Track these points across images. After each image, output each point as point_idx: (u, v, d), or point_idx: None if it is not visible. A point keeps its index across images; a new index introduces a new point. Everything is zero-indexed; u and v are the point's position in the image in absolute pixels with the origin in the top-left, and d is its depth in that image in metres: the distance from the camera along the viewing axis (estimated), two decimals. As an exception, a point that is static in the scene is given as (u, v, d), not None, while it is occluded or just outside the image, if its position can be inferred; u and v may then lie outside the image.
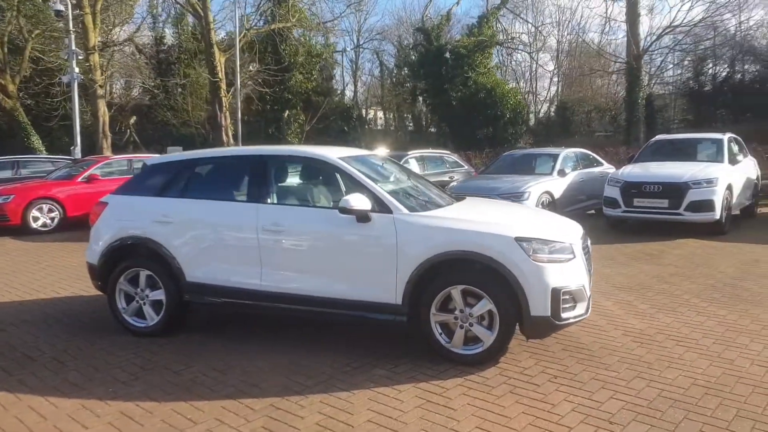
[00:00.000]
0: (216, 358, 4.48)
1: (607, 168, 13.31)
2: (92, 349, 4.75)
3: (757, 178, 11.97)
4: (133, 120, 31.15)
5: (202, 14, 23.31)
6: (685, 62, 22.63)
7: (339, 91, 36.61)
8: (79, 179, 12.96)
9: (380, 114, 41.28)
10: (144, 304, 5.04)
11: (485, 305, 4.10)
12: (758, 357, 4.22)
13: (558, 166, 11.35)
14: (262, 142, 25.01)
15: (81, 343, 4.91)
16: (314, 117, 30.65)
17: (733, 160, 10.60)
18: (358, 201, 4.29)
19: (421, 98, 31.45)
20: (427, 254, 4.18)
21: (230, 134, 25.10)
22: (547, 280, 4.02)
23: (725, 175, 9.81)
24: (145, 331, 5.02)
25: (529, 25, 30.00)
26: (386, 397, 3.71)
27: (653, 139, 12.08)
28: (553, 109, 26.17)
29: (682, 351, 4.37)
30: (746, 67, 21.63)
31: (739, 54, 21.38)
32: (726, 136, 11.07)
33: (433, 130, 30.82)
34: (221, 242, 4.81)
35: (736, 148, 11.20)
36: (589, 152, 13.24)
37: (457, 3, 41.96)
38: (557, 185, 10.89)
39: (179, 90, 30.03)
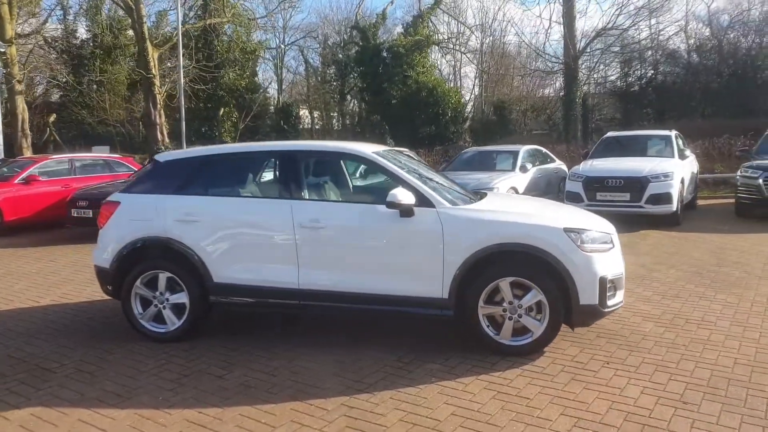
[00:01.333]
0: (252, 360, 4.30)
1: (559, 164, 13.90)
2: (114, 358, 4.44)
3: (697, 172, 12.88)
4: (53, 118, 29.12)
5: (134, 6, 22.20)
6: (614, 63, 24.04)
7: (263, 89, 35.96)
8: (17, 180, 11.99)
9: (304, 112, 40.77)
10: (164, 308, 4.76)
11: (535, 296, 4.17)
12: (777, 335, 4.56)
13: (519, 163, 11.72)
14: (199, 142, 24.11)
15: (96, 352, 4.58)
16: (248, 115, 29.97)
17: (682, 156, 11.35)
18: (405, 195, 4.25)
19: (356, 97, 31.57)
20: (476, 247, 4.21)
21: (165, 133, 24.09)
22: (595, 269, 4.16)
23: (679, 170, 10.49)
24: (165, 337, 4.74)
25: (459, 25, 30.69)
26: (455, 391, 3.71)
27: (604, 136, 12.70)
28: (485, 108, 26.97)
29: (707, 333, 4.64)
30: (668, 69, 23.23)
31: (661, 57, 22.98)
32: (673, 133, 11.84)
33: (358, 129, 30.80)
34: (253, 241, 4.63)
35: (681, 144, 12.00)
36: (543, 149, 13.76)
37: (392, 2, 42.24)
38: (520, 181, 11.25)
39: (95, 87, 28.36)
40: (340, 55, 34.03)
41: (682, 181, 10.54)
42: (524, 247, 4.19)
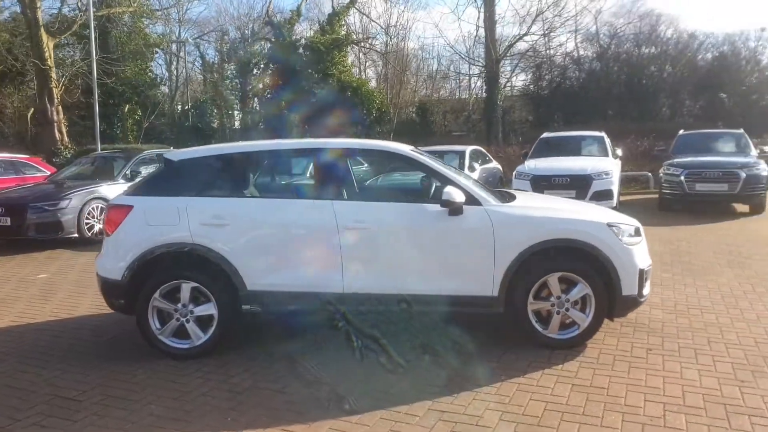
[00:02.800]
0: (301, 370, 4.08)
1: (496, 164, 14.45)
2: (141, 379, 4.03)
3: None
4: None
5: (24, -11, 20.16)
6: (528, 69, 25.35)
7: (169, 85, 34.12)
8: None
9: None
10: (187, 321, 4.38)
11: (582, 290, 4.30)
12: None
13: (467, 162, 12.04)
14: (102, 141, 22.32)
15: (113, 374, 4.13)
16: (153, 113, 28.32)
17: (614, 155, 12.20)
18: (458, 194, 4.23)
19: (264, 94, 30.78)
20: (526, 244, 4.27)
21: (64, 131, 22.14)
22: (635, 261, 4.36)
23: (615, 168, 11.28)
24: (189, 353, 4.37)
25: (369, 25, 30.93)
26: (531, 386, 3.74)
27: (541, 137, 13.36)
28: (407, 109, 27.45)
29: (713, 317, 5.01)
30: (575, 75, 24.90)
31: (568, 63, 24.60)
32: (603, 134, 12.70)
33: (262, 126, 30.01)
34: (292, 245, 4.38)
35: (610, 144, 12.89)
36: (482, 149, 14.21)
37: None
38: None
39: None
40: (241, 52, 33.06)
41: (618, 179, 11.35)
42: (572, 242, 4.31)
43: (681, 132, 13.92)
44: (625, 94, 23.30)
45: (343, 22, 28.28)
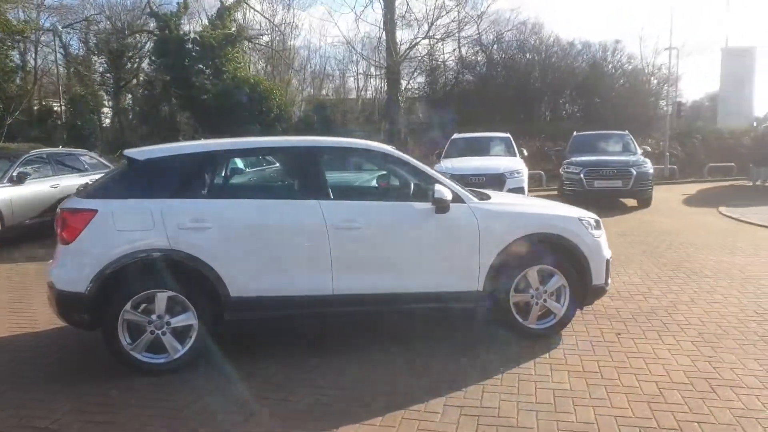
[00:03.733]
0: (300, 377, 3.93)
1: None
2: (121, 399, 3.66)
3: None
4: None
5: None
6: (423, 72, 26.05)
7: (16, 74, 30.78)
8: None
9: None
10: (163, 333, 4.04)
11: (558, 281, 4.54)
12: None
13: (515, 147, 12.59)
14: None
15: (87, 396, 3.71)
16: (17, 108, 25.60)
17: (520, 154, 12.93)
18: (447, 192, 4.29)
19: (140, 89, 28.89)
20: (509, 239, 4.42)
21: None
22: (603, 253, 4.69)
23: (524, 167, 11.95)
24: (165, 368, 4.04)
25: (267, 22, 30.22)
26: (531, 376, 3.89)
27: (452, 137, 13.79)
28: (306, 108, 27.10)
29: (667, 302, 5.51)
30: (468, 78, 26.02)
31: (461, 68, 25.66)
32: (509, 135, 13.40)
33: (135, 122, 28.13)
34: (278, 247, 4.18)
35: (515, 144, 13.60)
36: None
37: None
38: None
39: None
40: (114, 45, 30.90)
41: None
42: (550, 236, 4.54)
43: (575, 133, 15.07)
44: (512, 98, 24.74)
45: (234, 18, 27.37)
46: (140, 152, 4.31)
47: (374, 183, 5.80)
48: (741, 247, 8.00)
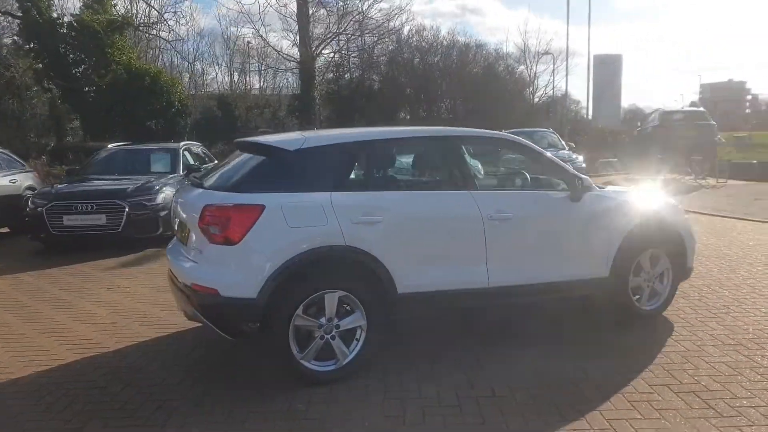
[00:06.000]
0: (443, 381, 3.84)
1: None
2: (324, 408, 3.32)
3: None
4: None
5: None
6: (331, 69, 25.70)
7: None
8: None
9: None
10: (332, 338, 3.72)
11: (664, 264, 4.87)
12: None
13: (182, 162, 10.36)
14: None
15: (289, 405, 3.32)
16: None
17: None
18: (590, 180, 4.42)
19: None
20: (630, 225, 4.63)
21: None
22: (694, 236, 5.10)
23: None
24: (335, 375, 3.72)
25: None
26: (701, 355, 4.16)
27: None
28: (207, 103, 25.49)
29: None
30: (373, 77, 26.22)
31: (367, 67, 25.80)
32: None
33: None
34: (441, 239, 4.02)
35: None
36: (201, 145, 12.82)
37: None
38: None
39: None
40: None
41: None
42: (657, 221, 4.83)
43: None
44: (413, 96, 25.48)
45: (115, 2, 24.98)
46: (289, 143, 3.91)
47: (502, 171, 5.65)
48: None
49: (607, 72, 27.02)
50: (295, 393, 3.55)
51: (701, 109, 19.17)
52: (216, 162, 12.12)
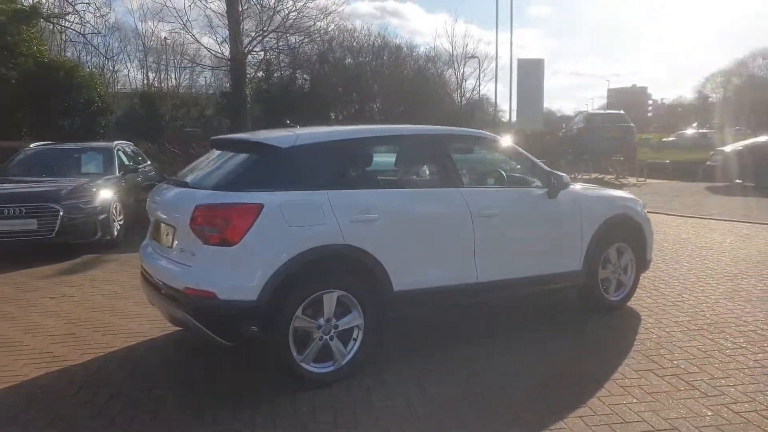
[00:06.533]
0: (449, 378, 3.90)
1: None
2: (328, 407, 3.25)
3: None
4: None
5: None
6: (261, 67, 25.05)
7: None
8: None
9: None
10: (331, 338, 3.64)
11: (628, 256, 5.14)
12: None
13: (117, 163, 9.67)
14: None
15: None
16: None
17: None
18: (567, 177, 4.59)
19: None
20: (601, 220, 4.86)
21: None
22: (651, 230, 5.40)
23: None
24: (335, 376, 3.65)
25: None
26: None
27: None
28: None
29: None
30: (303, 75, 25.87)
31: (297, 66, 25.40)
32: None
33: None
34: (434, 237, 4.04)
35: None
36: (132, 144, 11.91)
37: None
38: (121, 186, 9.14)
39: None
40: None
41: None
42: (623, 216, 5.08)
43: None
44: (345, 96, 25.45)
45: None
46: (280, 140, 3.79)
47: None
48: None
49: (530, 75, 28.17)
50: (295, 396, 3.45)
51: (621, 111, 20.36)
52: (146, 162, 11.57)
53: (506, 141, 4.85)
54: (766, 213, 10.75)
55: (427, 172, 4.32)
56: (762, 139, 16.52)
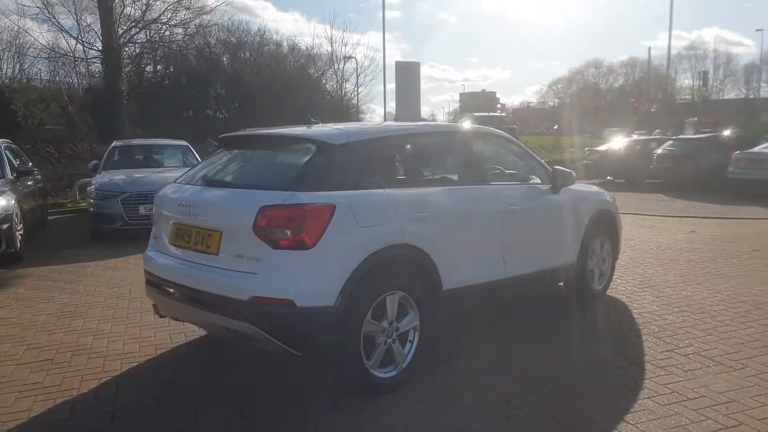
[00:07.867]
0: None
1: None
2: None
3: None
4: None
5: None
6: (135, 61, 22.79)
7: None
8: None
9: None
10: (393, 342, 3.47)
11: (607, 248, 5.50)
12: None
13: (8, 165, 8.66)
14: None
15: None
16: None
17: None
18: (574, 174, 4.81)
19: None
20: (590, 215, 5.17)
21: None
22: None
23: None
24: (398, 381, 3.49)
25: None
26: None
27: (112, 145, 11.24)
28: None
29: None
30: (180, 70, 24.04)
31: (173, 62, 23.57)
32: (186, 143, 11.54)
33: None
34: (473, 234, 4.03)
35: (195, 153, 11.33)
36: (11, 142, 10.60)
37: None
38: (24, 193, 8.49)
39: None
40: None
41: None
42: (604, 212, 5.42)
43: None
44: (223, 94, 24.31)
45: None
46: (332, 136, 3.53)
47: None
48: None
49: (407, 77, 29.14)
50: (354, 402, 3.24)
51: (503, 114, 21.76)
52: (29, 163, 10.13)
53: (513, 138, 4.96)
54: (636, 206, 12.06)
55: (468, 169, 4.25)
56: (633, 138, 18.55)
